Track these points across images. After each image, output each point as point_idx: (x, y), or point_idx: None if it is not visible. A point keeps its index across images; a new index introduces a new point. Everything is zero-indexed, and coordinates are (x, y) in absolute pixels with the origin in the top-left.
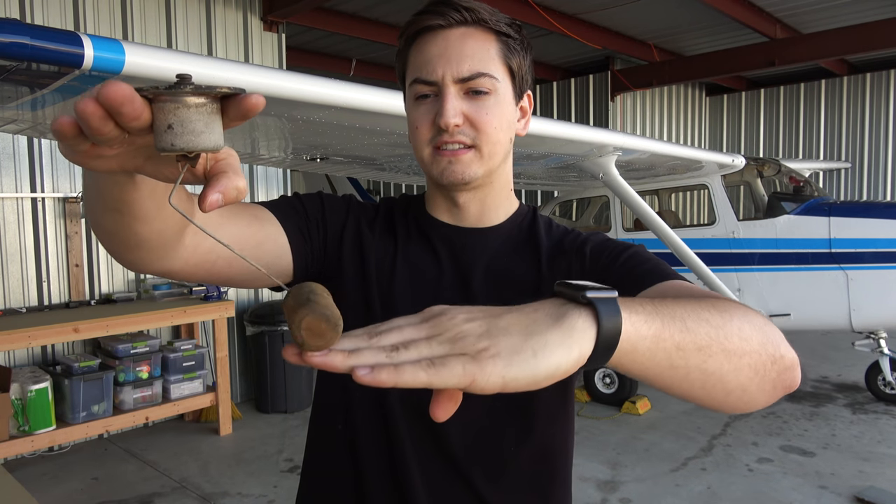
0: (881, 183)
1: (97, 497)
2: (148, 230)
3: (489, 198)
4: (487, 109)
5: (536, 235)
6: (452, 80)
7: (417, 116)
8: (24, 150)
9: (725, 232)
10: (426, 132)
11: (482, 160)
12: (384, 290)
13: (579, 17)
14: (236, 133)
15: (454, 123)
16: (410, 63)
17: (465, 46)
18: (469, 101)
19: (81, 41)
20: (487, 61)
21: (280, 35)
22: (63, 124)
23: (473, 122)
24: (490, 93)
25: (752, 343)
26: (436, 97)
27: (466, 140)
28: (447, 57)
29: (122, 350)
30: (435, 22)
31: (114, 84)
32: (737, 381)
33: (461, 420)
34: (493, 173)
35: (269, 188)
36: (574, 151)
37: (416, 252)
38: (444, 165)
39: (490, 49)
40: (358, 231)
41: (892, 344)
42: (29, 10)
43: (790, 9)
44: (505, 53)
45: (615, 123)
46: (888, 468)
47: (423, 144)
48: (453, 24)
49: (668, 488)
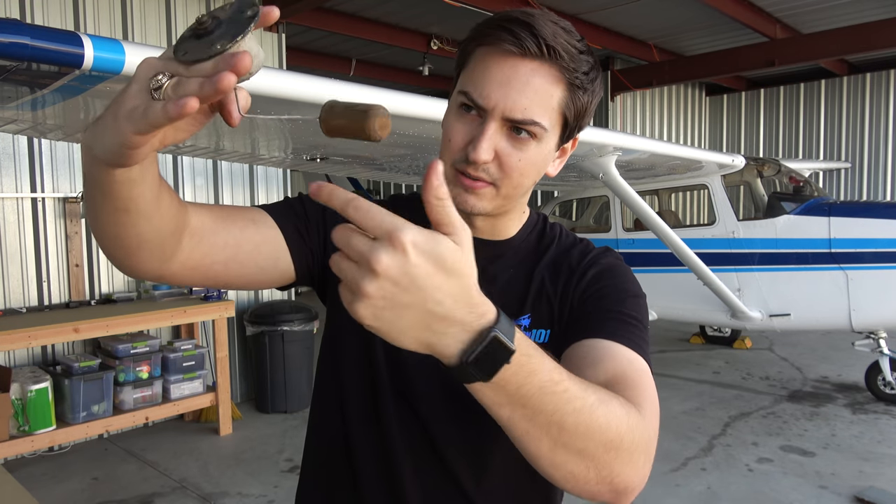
0: (881, 183)
1: (97, 497)
2: (150, 228)
3: (500, 222)
4: (521, 157)
5: (543, 247)
6: (501, 115)
7: (454, 129)
8: (24, 150)
9: (725, 232)
10: (456, 150)
11: (497, 198)
12: None
13: (579, 17)
14: (237, 133)
15: (483, 161)
16: (469, 69)
17: (528, 87)
18: (507, 139)
19: (81, 41)
20: (545, 110)
21: (280, 35)
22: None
23: (502, 162)
24: (533, 138)
25: (591, 449)
26: (480, 118)
27: (487, 178)
28: (506, 90)
29: (122, 350)
30: (509, 48)
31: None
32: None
33: (450, 419)
34: (508, 205)
35: (269, 188)
36: (574, 151)
37: None
38: (459, 191)
39: (553, 96)
40: None
41: (892, 344)
42: (29, 10)
43: (790, 9)
44: (567, 103)
45: (615, 123)
46: (888, 468)
47: (449, 160)
48: (527, 56)
49: (668, 488)
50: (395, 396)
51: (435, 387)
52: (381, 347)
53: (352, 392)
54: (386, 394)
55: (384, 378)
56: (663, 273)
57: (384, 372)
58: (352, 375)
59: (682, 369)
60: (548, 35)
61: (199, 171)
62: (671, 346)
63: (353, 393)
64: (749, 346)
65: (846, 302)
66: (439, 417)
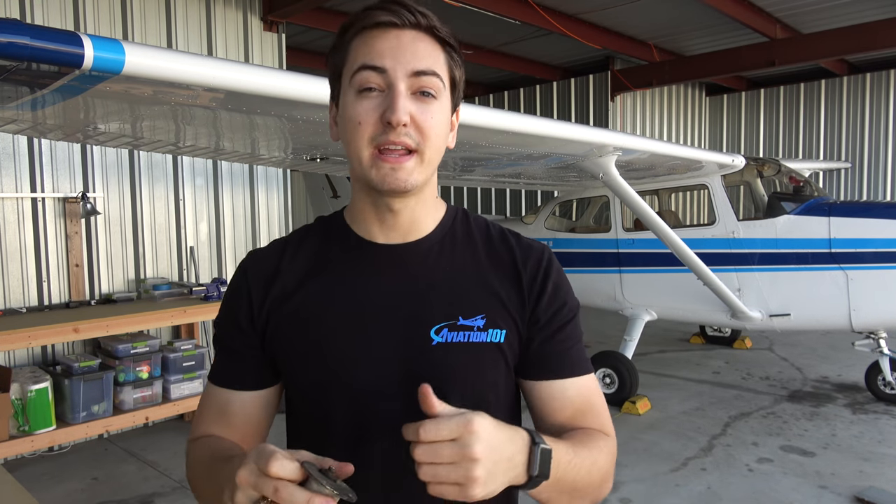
0: (881, 183)
1: (97, 497)
2: None
3: (418, 207)
4: (433, 114)
5: (472, 237)
6: (405, 74)
7: (361, 111)
8: (24, 150)
9: (725, 232)
10: (370, 128)
11: (423, 166)
12: (327, 331)
13: (579, 17)
14: (236, 132)
15: (403, 121)
16: (354, 54)
17: (418, 47)
18: (416, 102)
19: (81, 41)
20: (437, 65)
21: (280, 35)
22: None
23: (419, 124)
24: (436, 97)
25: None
26: (381, 93)
27: (410, 143)
28: (400, 52)
29: (122, 350)
30: (388, 19)
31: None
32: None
33: (392, 465)
34: (430, 174)
35: (269, 188)
36: (574, 151)
37: (356, 282)
38: (387, 171)
39: (439, 56)
40: (263, 303)
41: (892, 344)
42: (29, 10)
43: (790, 9)
44: (450, 63)
45: (615, 123)
46: (888, 468)
47: (364, 144)
48: (406, 26)
49: (668, 488)
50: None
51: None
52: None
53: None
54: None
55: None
56: (663, 273)
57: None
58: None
59: (682, 369)
60: (417, 10)
61: (199, 171)
62: (671, 346)
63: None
64: (749, 346)
65: (846, 302)
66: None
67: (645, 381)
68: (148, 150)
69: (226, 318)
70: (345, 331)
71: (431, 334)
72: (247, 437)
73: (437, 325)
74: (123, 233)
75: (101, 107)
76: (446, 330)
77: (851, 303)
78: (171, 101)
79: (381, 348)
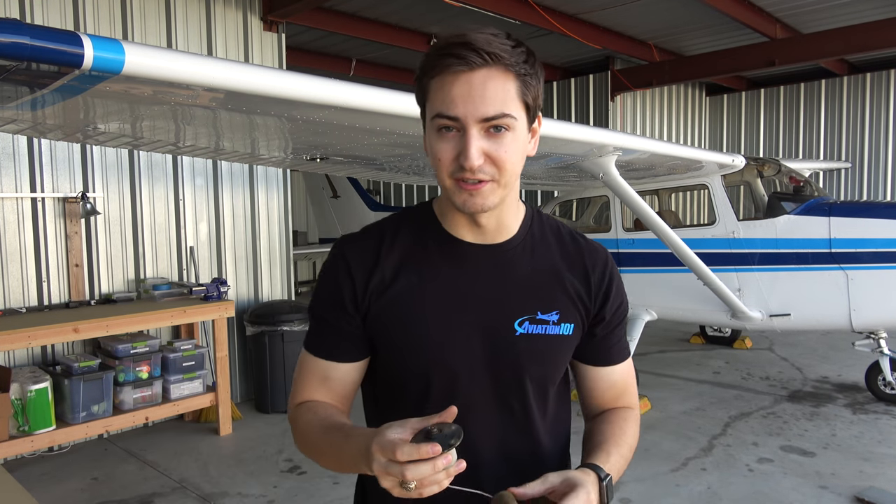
0: (881, 183)
1: (97, 497)
2: None
3: (503, 213)
4: (506, 147)
5: (549, 241)
6: (475, 120)
7: (440, 148)
8: (24, 150)
9: (725, 232)
10: (448, 165)
11: (499, 189)
12: (420, 318)
13: (579, 17)
14: (236, 132)
15: (476, 166)
16: (432, 96)
17: (487, 90)
18: (489, 139)
19: (81, 41)
20: (508, 102)
21: (280, 35)
22: None
23: (494, 159)
24: (510, 130)
25: None
26: (458, 132)
27: (486, 177)
28: (471, 98)
29: (122, 350)
30: (458, 67)
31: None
32: None
33: (482, 426)
34: (508, 193)
35: (269, 188)
36: (574, 151)
37: (449, 276)
38: (466, 197)
39: (510, 90)
40: (365, 290)
41: (892, 344)
42: (29, 10)
43: (790, 9)
44: (522, 91)
45: (615, 123)
46: (888, 468)
47: (445, 175)
48: (475, 68)
49: (668, 488)
50: None
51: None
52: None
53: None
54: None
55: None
56: (663, 273)
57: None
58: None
59: (682, 369)
60: (483, 44)
61: (199, 171)
62: (671, 346)
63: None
64: (749, 346)
65: (846, 302)
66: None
67: (645, 381)
68: (148, 150)
69: (330, 298)
70: (437, 318)
71: (515, 325)
72: (343, 399)
73: (520, 319)
74: (123, 233)
75: (100, 107)
76: (528, 323)
77: (851, 303)
78: (171, 101)
79: (470, 336)
